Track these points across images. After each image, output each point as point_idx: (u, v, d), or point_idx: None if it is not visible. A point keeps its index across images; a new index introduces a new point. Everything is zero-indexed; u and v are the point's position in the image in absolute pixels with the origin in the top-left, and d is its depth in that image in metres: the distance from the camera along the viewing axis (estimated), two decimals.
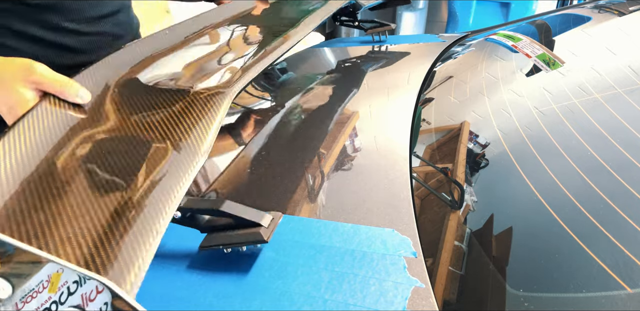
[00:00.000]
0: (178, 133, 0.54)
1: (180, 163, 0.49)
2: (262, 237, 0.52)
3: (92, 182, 0.44)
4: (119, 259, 0.36)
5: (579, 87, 0.81)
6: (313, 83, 1.11)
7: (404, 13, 3.77)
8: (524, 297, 0.46)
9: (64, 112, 0.54)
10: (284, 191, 0.67)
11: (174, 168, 0.48)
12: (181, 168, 0.49)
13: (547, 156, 0.65)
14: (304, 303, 0.47)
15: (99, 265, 0.36)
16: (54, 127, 0.51)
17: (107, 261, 0.36)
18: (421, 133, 0.81)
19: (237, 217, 0.52)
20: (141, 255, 0.37)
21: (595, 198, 0.56)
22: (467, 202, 0.63)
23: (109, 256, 0.37)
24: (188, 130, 0.55)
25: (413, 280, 0.49)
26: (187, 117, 0.57)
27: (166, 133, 0.54)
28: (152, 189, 0.45)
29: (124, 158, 0.49)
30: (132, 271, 0.36)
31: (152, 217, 0.42)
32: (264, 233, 0.52)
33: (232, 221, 0.53)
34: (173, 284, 0.52)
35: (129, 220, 0.40)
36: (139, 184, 0.45)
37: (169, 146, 0.52)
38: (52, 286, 0.35)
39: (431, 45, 1.29)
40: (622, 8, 1.23)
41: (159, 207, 0.43)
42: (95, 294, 0.34)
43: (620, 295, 0.44)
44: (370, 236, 0.56)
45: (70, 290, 0.35)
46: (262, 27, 0.97)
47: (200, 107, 0.59)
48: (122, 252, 0.37)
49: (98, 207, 0.41)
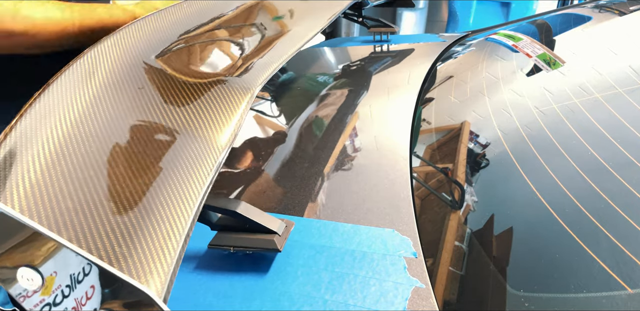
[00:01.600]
0: (201, 126, 0.51)
1: (203, 160, 0.47)
2: (276, 246, 0.51)
3: (112, 177, 0.42)
4: (146, 262, 0.35)
5: (579, 87, 0.81)
6: (313, 83, 1.11)
7: (404, 13, 3.76)
8: (524, 297, 0.46)
9: (78, 97, 0.52)
10: (284, 191, 0.67)
11: (197, 165, 0.46)
12: (205, 166, 0.47)
13: (548, 156, 0.65)
14: (304, 304, 0.47)
15: (126, 267, 0.34)
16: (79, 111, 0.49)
17: (135, 263, 0.35)
18: (421, 133, 0.81)
19: (252, 220, 0.51)
20: (170, 257, 0.36)
21: (595, 198, 0.56)
22: (467, 202, 0.63)
23: (138, 258, 0.35)
24: (212, 123, 0.52)
25: (413, 280, 0.49)
26: (212, 110, 0.54)
27: (188, 125, 0.52)
28: (179, 186, 0.43)
29: (144, 151, 0.47)
30: (160, 274, 0.34)
31: (180, 216, 0.40)
32: (278, 242, 0.51)
33: (245, 223, 0.53)
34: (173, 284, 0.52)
35: (157, 220, 0.39)
36: (166, 180, 0.43)
37: (190, 138, 0.50)
38: (46, 289, 0.35)
39: (431, 44, 1.29)
40: (622, 8, 1.23)
41: (185, 206, 0.41)
42: (85, 300, 0.34)
43: (620, 295, 0.44)
44: (370, 236, 0.56)
45: (64, 294, 0.34)
46: (277, 22, 0.96)
47: (223, 100, 0.57)
48: (150, 254, 0.36)
49: (121, 203, 0.40)
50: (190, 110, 0.54)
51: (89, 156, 0.44)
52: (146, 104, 0.54)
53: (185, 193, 0.43)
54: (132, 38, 0.64)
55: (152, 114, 0.52)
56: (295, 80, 1.17)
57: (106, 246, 0.35)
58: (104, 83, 0.54)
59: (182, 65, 0.64)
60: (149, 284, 0.33)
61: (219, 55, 0.73)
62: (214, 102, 0.56)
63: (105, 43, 0.60)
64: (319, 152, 0.77)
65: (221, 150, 0.49)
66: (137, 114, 0.52)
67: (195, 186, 0.44)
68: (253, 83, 0.61)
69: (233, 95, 0.58)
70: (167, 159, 0.46)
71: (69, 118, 0.48)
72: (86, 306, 0.34)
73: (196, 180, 0.44)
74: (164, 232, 0.38)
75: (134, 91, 0.55)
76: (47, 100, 0.49)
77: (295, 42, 0.78)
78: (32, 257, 0.35)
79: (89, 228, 0.36)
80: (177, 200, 0.42)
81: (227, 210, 0.51)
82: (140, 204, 0.40)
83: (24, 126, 0.45)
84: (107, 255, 0.35)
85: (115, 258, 0.35)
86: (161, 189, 0.42)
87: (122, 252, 0.35)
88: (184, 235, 0.38)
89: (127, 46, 0.62)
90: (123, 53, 0.60)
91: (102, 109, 0.51)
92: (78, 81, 0.53)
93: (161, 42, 0.66)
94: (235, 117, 0.54)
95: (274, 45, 0.77)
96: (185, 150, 0.48)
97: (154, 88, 0.56)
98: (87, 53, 0.57)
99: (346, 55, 1.37)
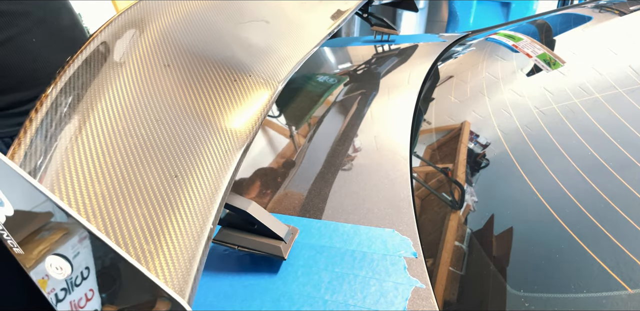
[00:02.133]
0: (224, 122, 0.50)
1: (225, 155, 0.47)
2: (282, 254, 0.51)
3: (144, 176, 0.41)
4: (182, 267, 0.34)
5: (579, 87, 0.81)
6: (313, 83, 1.11)
7: (404, 13, 3.76)
8: (524, 297, 0.46)
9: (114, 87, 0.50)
10: (284, 191, 0.67)
11: (219, 161, 0.46)
12: (226, 161, 0.46)
13: (548, 156, 0.65)
14: (304, 304, 0.47)
15: (167, 275, 0.33)
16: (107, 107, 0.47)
17: (174, 270, 0.34)
18: (421, 133, 0.81)
19: (260, 223, 0.51)
20: (197, 262, 0.35)
21: (595, 198, 0.56)
22: (467, 202, 0.63)
23: (175, 264, 0.34)
24: (235, 119, 0.51)
25: (413, 281, 0.49)
26: (235, 106, 0.53)
27: (212, 120, 0.51)
28: (204, 185, 0.42)
29: (168, 146, 0.46)
30: (190, 283, 0.34)
31: (204, 217, 0.39)
32: (284, 250, 0.51)
33: (253, 224, 0.52)
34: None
35: (184, 222, 0.38)
36: (190, 180, 0.43)
37: (215, 134, 0.49)
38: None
39: (432, 44, 1.29)
40: (622, 8, 1.23)
41: (209, 207, 0.41)
42: (85, 302, 0.33)
43: (620, 295, 0.44)
44: (370, 236, 0.56)
45: (58, 297, 0.34)
46: (295, 21, 0.95)
47: (249, 96, 0.56)
48: (183, 259, 0.35)
49: (156, 199, 0.39)
50: (217, 108, 0.52)
51: (126, 153, 0.43)
52: (174, 102, 0.52)
53: (210, 192, 0.42)
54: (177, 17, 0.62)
55: (180, 110, 0.51)
56: (296, 80, 1.17)
57: (134, 242, 0.35)
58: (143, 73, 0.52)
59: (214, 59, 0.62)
60: (175, 288, 0.33)
61: (243, 51, 0.71)
62: (239, 99, 0.55)
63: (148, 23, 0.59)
64: (319, 152, 0.77)
65: (241, 149, 0.48)
66: (165, 113, 0.50)
67: (218, 185, 0.43)
68: (276, 80, 0.60)
69: (257, 91, 0.57)
70: (194, 157, 0.45)
71: (103, 113, 0.47)
72: (86, 307, 0.33)
73: (219, 180, 0.44)
74: (190, 232, 0.38)
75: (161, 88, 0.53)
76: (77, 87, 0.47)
77: (313, 39, 0.77)
78: (57, 245, 0.34)
79: (119, 222, 0.36)
80: (202, 200, 0.41)
81: (238, 209, 0.51)
82: (168, 203, 0.40)
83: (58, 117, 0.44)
84: (135, 251, 0.34)
85: (143, 255, 0.34)
86: (187, 188, 0.42)
87: (149, 250, 0.35)
88: (206, 237, 0.38)
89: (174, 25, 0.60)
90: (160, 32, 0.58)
91: (138, 105, 0.49)
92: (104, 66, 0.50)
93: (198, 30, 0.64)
94: (258, 114, 0.53)
95: (294, 42, 0.76)
96: (210, 149, 0.47)
97: (183, 83, 0.54)
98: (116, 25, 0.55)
99: (347, 55, 1.37)
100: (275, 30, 0.79)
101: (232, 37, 0.70)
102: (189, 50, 0.59)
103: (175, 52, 0.58)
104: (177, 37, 0.60)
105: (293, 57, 0.68)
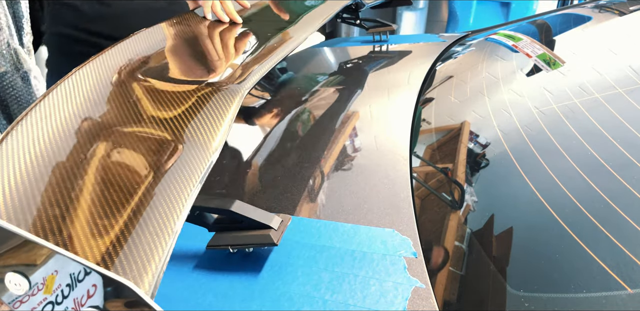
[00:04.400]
0: (190, 130, 0.53)
1: (193, 161, 0.48)
2: (272, 240, 0.51)
3: (104, 179, 0.44)
4: (136, 259, 0.36)
5: (579, 87, 0.81)
6: (313, 83, 1.11)
7: (404, 13, 3.76)
8: (524, 297, 0.46)
9: (74, 105, 0.54)
10: (284, 191, 0.67)
11: (187, 166, 0.48)
12: (195, 166, 0.48)
13: (548, 156, 0.65)
14: (304, 304, 0.47)
15: (118, 265, 0.35)
16: (64, 122, 0.51)
17: (125, 261, 0.36)
18: (421, 133, 0.81)
19: (247, 217, 0.52)
20: (158, 255, 0.37)
21: (595, 198, 0.56)
22: (467, 202, 0.63)
23: (126, 257, 0.36)
24: (200, 126, 0.53)
25: (413, 280, 0.49)
26: (199, 113, 0.56)
27: (177, 129, 0.53)
28: (167, 187, 0.44)
29: (135, 154, 0.48)
30: (149, 272, 0.35)
31: (168, 215, 0.41)
32: (274, 236, 0.51)
33: (241, 221, 0.53)
34: (173, 284, 0.52)
35: (145, 219, 0.40)
36: (153, 182, 0.44)
37: (181, 143, 0.51)
38: (47, 289, 0.35)
39: (431, 45, 1.29)
40: (622, 8, 1.23)
41: (174, 205, 0.42)
42: (86, 299, 0.34)
43: (620, 295, 0.44)
44: (370, 236, 0.56)
45: (64, 293, 0.34)
46: (268, 24, 0.96)
47: (212, 103, 0.58)
48: (140, 252, 0.37)
49: (112, 204, 0.41)
50: (181, 115, 0.56)
51: (76, 160, 0.45)
52: (136, 111, 0.55)
53: (174, 194, 0.44)
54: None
55: (142, 120, 0.54)
56: (295, 80, 1.17)
57: (92, 248, 0.36)
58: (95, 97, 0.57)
59: (174, 71, 0.67)
60: (137, 281, 0.34)
61: (209, 59, 0.75)
62: (203, 106, 0.57)
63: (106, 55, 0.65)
64: (319, 152, 0.77)
65: (211, 152, 0.50)
66: (126, 120, 0.53)
67: (184, 187, 0.44)
68: (242, 87, 0.63)
69: (222, 98, 0.59)
70: (157, 162, 0.47)
71: (60, 123, 0.50)
72: (86, 304, 0.34)
73: (185, 181, 0.45)
74: (152, 231, 0.39)
75: (124, 101, 0.57)
76: (42, 107, 0.52)
77: (285, 47, 0.80)
78: (21, 260, 0.35)
79: (76, 232, 0.38)
80: (167, 201, 0.43)
81: (222, 210, 0.52)
82: (128, 206, 0.41)
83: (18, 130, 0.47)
84: (94, 255, 0.36)
85: (101, 259, 0.36)
86: (150, 191, 0.43)
87: (108, 252, 0.36)
88: (173, 234, 0.39)
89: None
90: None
91: (92, 117, 0.53)
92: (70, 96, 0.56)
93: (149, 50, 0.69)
94: (224, 120, 0.55)
95: (264, 49, 0.79)
96: (176, 153, 0.49)
97: (143, 96, 0.59)
98: (75, 73, 0.60)
99: (346, 55, 1.37)
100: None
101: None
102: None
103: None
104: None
105: (260, 67, 0.72)
